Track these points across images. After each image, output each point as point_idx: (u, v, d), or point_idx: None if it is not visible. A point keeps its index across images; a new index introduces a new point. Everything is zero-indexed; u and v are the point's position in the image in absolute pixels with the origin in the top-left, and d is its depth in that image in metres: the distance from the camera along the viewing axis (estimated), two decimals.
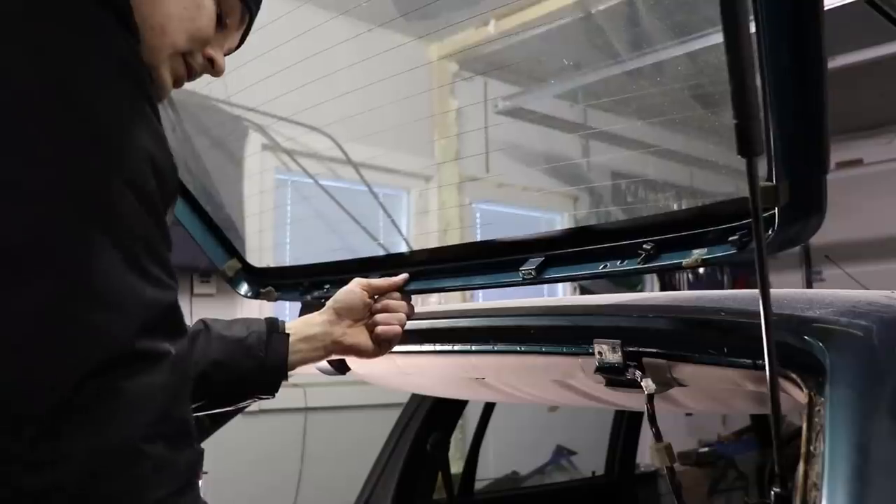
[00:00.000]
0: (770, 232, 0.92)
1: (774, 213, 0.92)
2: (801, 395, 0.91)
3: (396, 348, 1.37)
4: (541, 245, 1.27)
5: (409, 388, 2.06)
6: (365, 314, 1.33)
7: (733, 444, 4.40)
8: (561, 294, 4.33)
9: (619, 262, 1.13)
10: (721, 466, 4.16)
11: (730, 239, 1.02)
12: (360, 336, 1.33)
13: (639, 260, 1.10)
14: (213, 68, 1.05)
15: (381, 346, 1.33)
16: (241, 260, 1.67)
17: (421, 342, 1.39)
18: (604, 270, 1.15)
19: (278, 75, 1.80)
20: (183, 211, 1.62)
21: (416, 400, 2.22)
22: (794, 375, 0.93)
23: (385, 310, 1.33)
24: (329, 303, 1.34)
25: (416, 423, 2.19)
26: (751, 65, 0.77)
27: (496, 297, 1.69)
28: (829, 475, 0.77)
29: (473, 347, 1.38)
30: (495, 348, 1.35)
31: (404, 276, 1.37)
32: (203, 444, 1.56)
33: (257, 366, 1.25)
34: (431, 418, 2.20)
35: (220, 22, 1.03)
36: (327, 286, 1.53)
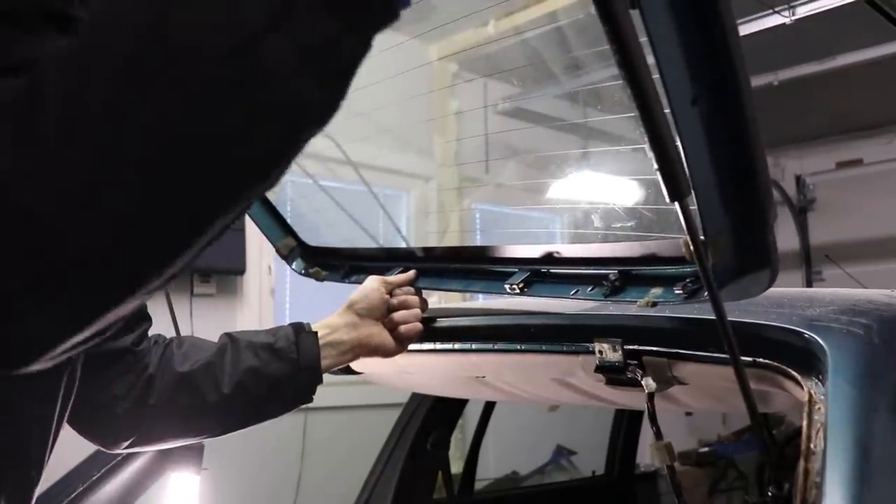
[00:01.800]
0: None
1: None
2: (801, 393, 0.91)
3: None
4: (532, 260, 1.24)
5: (409, 387, 2.06)
6: (384, 312, 1.32)
7: (733, 444, 4.40)
8: None
9: (588, 290, 1.11)
10: (721, 466, 4.17)
11: (677, 283, 0.98)
12: (383, 335, 1.31)
13: (603, 291, 1.09)
14: None
15: (403, 342, 1.32)
16: (296, 238, 1.67)
17: (421, 340, 1.39)
18: (574, 296, 1.13)
19: None
20: None
21: (417, 399, 2.22)
22: (794, 373, 0.93)
23: (402, 306, 1.32)
24: (346, 305, 1.31)
25: (417, 422, 2.19)
26: (657, 101, 0.66)
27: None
28: (829, 473, 0.77)
29: (474, 346, 1.38)
30: (495, 347, 1.35)
31: (413, 271, 1.36)
32: (203, 443, 1.57)
33: (291, 368, 1.21)
34: (431, 418, 2.19)
35: None
36: (367, 272, 1.50)
